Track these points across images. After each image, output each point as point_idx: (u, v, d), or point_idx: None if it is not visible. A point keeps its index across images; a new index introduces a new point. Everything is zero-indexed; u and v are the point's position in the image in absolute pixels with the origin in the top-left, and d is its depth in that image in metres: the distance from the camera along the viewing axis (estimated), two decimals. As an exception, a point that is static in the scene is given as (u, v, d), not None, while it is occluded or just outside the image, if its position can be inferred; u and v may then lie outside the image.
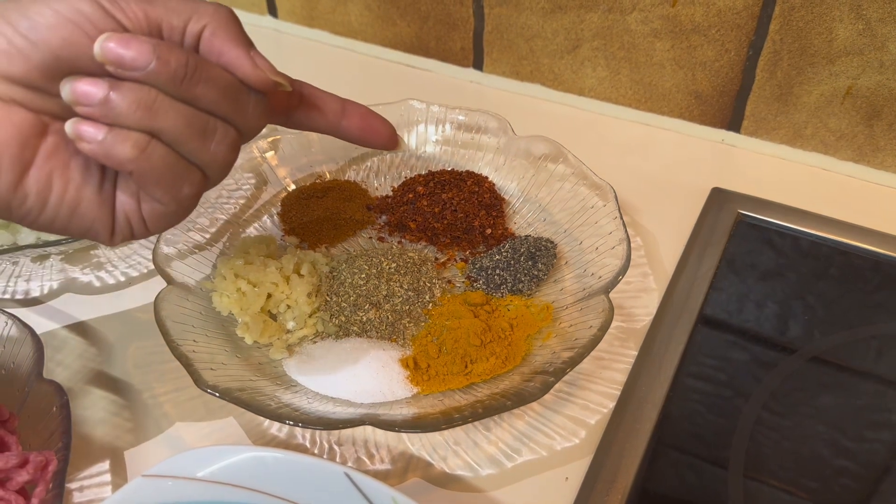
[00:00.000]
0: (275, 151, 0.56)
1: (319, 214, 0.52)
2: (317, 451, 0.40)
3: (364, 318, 0.45)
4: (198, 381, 0.38)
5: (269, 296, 0.45)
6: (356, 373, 0.42)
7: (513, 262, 0.47)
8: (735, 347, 0.46)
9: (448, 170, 0.55)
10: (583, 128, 0.64)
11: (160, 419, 0.42)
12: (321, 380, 0.42)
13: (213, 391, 0.37)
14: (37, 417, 0.37)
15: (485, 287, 0.47)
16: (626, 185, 0.55)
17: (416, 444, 0.40)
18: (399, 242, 0.52)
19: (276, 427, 0.42)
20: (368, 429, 0.41)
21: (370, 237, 0.53)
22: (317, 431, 0.41)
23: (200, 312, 0.44)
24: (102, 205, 0.32)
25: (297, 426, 0.39)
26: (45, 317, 0.48)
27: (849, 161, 0.58)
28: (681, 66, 0.60)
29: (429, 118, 0.58)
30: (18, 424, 0.37)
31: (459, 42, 0.68)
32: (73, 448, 0.36)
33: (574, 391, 0.43)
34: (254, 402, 0.37)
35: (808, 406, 0.42)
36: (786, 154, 0.60)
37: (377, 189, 0.57)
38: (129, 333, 0.47)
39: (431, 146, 0.58)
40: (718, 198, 0.56)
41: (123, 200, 0.32)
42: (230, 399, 0.37)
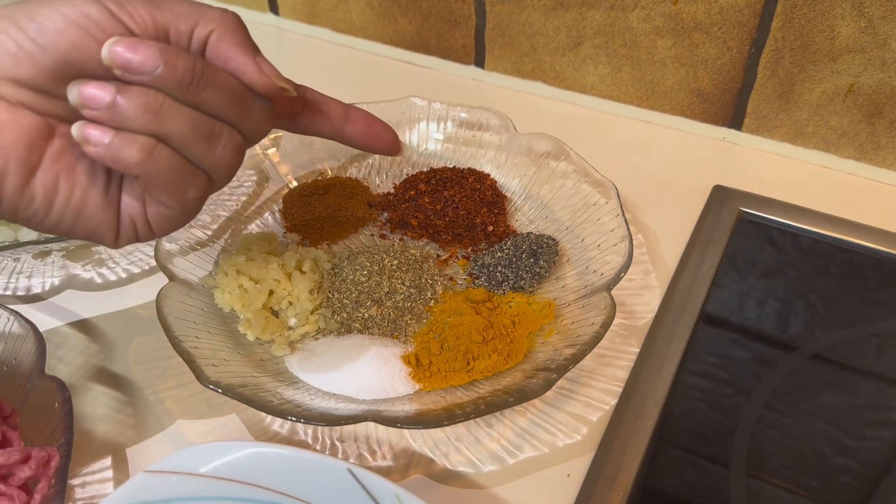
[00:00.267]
0: (277, 148, 0.56)
1: (321, 211, 0.52)
2: (319, 448, 0.40)
3: (366, 315, 0.45)
4: (200, 378, 0.38)
5: (271, 292, 0.45)
6: (358, 369, 0.42)
7: (515, 260, 0.47)
8: (736, 345, 0.46)
9: (450, 167, 0.55)
10: (584, 125, 0.64)
11: (162, 416, 0.42)
12: (323, 376, 0.42)
13: (216, 387, 0.37)
14: (39, 413, 0.37)
15: (487, 284, 0.47)
16: (628, 183, 0.55)
17: (418, 441, 0.40)
18: (401, 239, 0.52)
19: (279, 423, 0.42)
20: (370, 425, 0.41)
21: (372, 234, 0.53)
22: (319, 428, 0.41)
23: (202, 309, 0.44)
24: (108, 208, 0.32)
25: (300, 422, 0.39)
26: (47, 313, 0.48)
27: (850, 159, 0.58)
28: (682, 64, 0.60)
29: (430, 115, 0.58)
30: (20, 420, 0.37)
31: (461, 39, 0.68)
32: (75, 444, 0.36)
33: (576, 388, 0.43)
34: (256, 399, 0.37)
35: (810, 404, 0.42)
36: (787, 152, 0.60)
37: (379, 186, 0.57)
38: (131, 330, 0.47)
39: (433, 143, 0.58)
40: (720, 195, 0.56)
41: (129, 203, 0.32)
42: (232, 395, 0.37)
